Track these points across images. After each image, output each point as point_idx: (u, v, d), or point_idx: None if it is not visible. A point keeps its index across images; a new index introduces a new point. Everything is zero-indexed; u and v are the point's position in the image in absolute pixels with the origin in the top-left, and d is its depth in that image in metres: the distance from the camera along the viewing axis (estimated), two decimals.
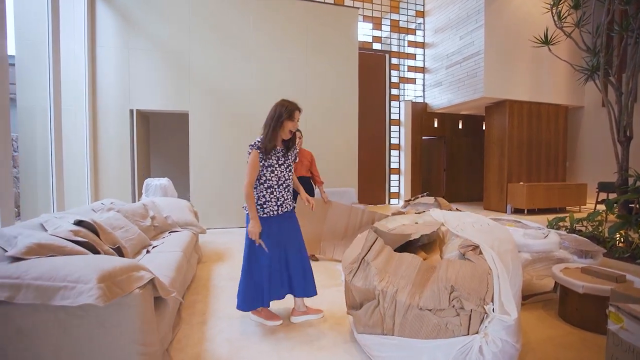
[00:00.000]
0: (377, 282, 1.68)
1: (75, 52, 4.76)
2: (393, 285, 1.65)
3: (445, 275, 1.57)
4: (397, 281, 1.66)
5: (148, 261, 2.38)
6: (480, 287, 1.53)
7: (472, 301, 1.49)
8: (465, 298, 1.49)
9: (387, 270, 1.72)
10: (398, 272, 1.70)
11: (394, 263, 1.75)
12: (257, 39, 5.61)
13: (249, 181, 2.10)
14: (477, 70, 7.28)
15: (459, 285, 1.52)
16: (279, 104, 2.21)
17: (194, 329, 2.21)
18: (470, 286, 1.52)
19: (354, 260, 1.83)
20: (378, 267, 1.73)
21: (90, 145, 4.88)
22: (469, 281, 1.54)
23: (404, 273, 1.68)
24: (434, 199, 5.57)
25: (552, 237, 2.59)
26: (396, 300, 1.60)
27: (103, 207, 2.95)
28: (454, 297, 1.50)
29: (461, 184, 9.67)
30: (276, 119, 2.15)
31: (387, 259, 1.77)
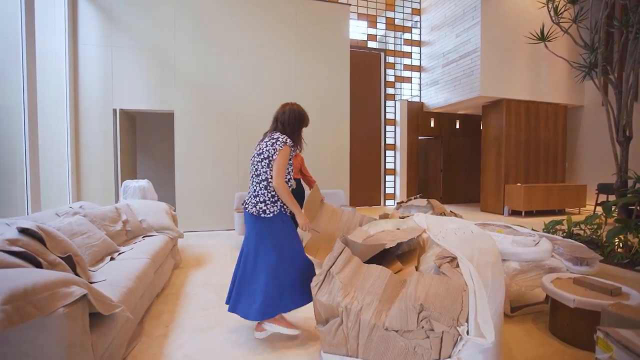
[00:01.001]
0: (341, 297, 1.51)
1: (57, 50, 4.62)
2: (358, 302, 1.48)
3: (415, 292, 1.41)
4: (363, 297, 1.50)
5: (107, 269, 2.23)
6: (453, 306, 1.36)
7: (444, 322, 1.33)
8: (435, 318, 1.32)
9: (354, 285, 1.56)
10: (364, 287, 1.53)
11: (360, 276, 1.59)
12: (244, 36, 5.46)
13: (283, 176, 1.99)
14: (474, 68, 7.10)
15: (429, 304, 1.35)
16: (300, 111, 2.29)
17: (154, 342, 2.05)
18: (442, 305, 1.35)
19: (320, 273, 1.67)
20: (343, 281, 1.56)
21: (72, 146, 4.73)
22: (441, 299, 1.37)
23: (371, 288, 1.51)
24: (427, 201, 5.41)
25: (543, 244, 2.41)
26: (360, 319, 1.44)
27: (71, 210, 2.80)
28: (423, 317, 1.34)
29: (459, 185, 9.49)
30: (299, 124, 2.25)
31: (354, 271, 1.60)
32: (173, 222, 3.56)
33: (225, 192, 5.35)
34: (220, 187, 5.37)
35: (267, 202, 2.01)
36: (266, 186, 2.03)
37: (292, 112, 2.26)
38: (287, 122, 2.22)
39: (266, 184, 2.03)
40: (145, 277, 2.33)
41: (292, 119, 2.23)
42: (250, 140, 5.50)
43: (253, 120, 5.51)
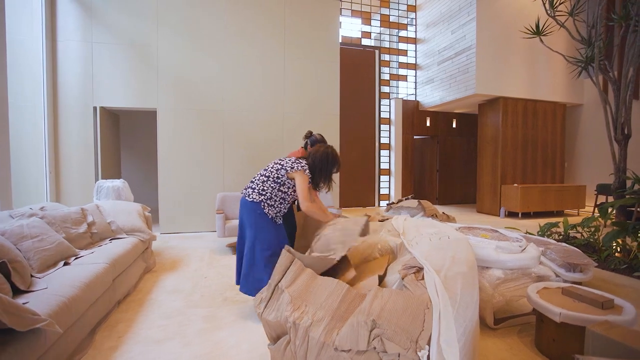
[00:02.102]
0: (289, 312, 1.33)
1: (34, 46, 4.47)
2: (308, 317, 1.30)
3: (369, 307, 1.23)
4: (314, 312, 1.32)
5: (56, 276, 2.06)
6: (412, 325, 1.18)
7: (399, 342, 1.15)
8: (389, 337, 1.14)
9: (305, 299, 1.38)
10: (317, 301, 1.35)
11: (313, 290, 1.41)
12: (230, 32, 5.29)
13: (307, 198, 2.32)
14: (469, 65, 6.90)
15: (383, 321, 1.17)
16: (336, 157, 2.44)
17: (99, 356, 1.88)
18: (399, 323, 1.17)
19: (265, 288, 1.49)
20: (293, 295, 1.38)
21: (50, 144, 4.58)
22: (398, 316, 1.19)
23: (324, 303, 1.34)
24: (418, 202, 5.22)
25: (530, 251, 2.23)
26: (309, 336, 1.26)
27: (28, 211, 2.64)
28: (375, 335, 1.16)
29: (455, 186, 9.29)
30: (330, 169, 2.41)
31: (306, 284, 1.43)
32: (145, 224, 3.39)
33: (209, 193, 5.19)
34: (204, 188, 5.20)
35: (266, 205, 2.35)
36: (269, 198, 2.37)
37: (322, 154, 2.41)
38: (319, 166, 2.39)
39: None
40: (99, 284, 2.16)
41: (321, 161, 2.39)
42: (235, 140, 5.34)
43: (239, 119, 5.35)
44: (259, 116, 5.47)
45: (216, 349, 1.93)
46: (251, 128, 5.42)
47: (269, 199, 2.32)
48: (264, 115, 5.48)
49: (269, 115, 5.52)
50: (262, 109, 5.49)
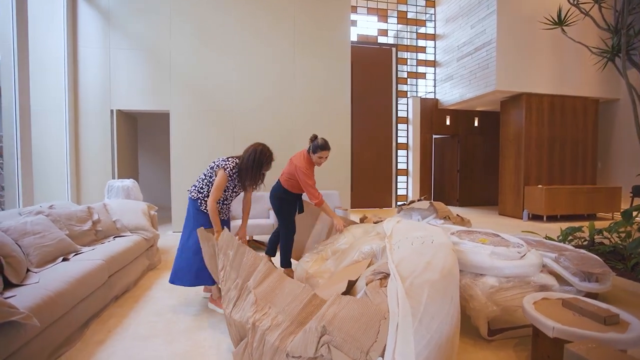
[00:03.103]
0: (251, 313, 1.30)
1: (58, 53, 4.74)
2: (268, 320, 1.26)
3: (324, 313, 1.17)
4: (276, 315, 1.28)
5: (52, 271, 2.16)
6: (364, 335, 1.11)
7: (348, 352, 1.08)
8: (337, 345, 1.08)
9: (270, 300, 1.34)
10: (281, 304, 1.31)
11: (279, 292, 1.37)
12: (241, 33, 5.36)
13: (214, 197, 2.35)
14: (489, 61, 6.58)
15: (333, 328, 1.11)
16: (263, 152, 2.41)
17: (85, 350, 1.94)
18: (350, 331, 1.10)
19: (234, 287, 1.47)
20: (259, 295, 1.35)
21: (71, 146, 4.84)
22: (350, 324, 1.12)
23: (287, 307, 1.30)
24: (429, 203, 5.04)
25: (530, 258, 2.06)
26: (265, 340, 1.22)
27: (36, 209, 2.79)
28: (324, 342, 1.10)
29: (477, 187, 8.90)
30: (258, 166, 2.39)
31: (274, 286, 1.39)
32: (150, 223, 3.49)
33: None
34: None
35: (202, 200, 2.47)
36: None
37: (251, 153, 2.41)
38: (247, 165, 2.39)
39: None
40: (91, 280, 2.24)
41: (248, 160, 2.39)
42: (246, 139, 5.38)
43: (249, 120, 5.40)
44: (269, 116, 5.50)
45: (196, 348, 1.94)
46: (261, 128, 5.45)
47: (206, 197, 2.43)
48: (274, 115, 5.51)
49: (279, 115, 5.54)
50: (272, 109, 5.52)
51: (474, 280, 2.02)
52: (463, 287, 2.05)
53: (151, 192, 7.60)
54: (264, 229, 4.28)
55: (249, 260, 1.46)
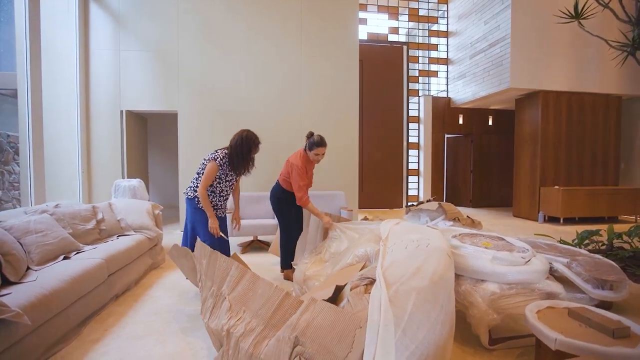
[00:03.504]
0: (225, 320, 1.27)
1: (70, 56, 4.87)
2: (242, 326, 1.23)
3: (297, 321, 1.12)
4: (250, 320, 1.24)
5: (52, 269, 2.19)
6: (339, 344, 1.05)
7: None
8: (309, 357, 1.03)
9: (244, 304, 1.31)
10: (254, 308, 1.27)
11: (253, 295, 1.33)
12: (247, 33, 5.36)
13: (203, 185, 2.44)
14: (503, 57, 6.37)
15: (307, 338, 1.06)
16: (249, 137, 2.53)
17: (80, 347, 1.95)
18: (323, 342, 1.05)
19: (210, 296, 1.44)
20: (233, 301, 1.31)
21: (82, 146, 4.96)
22: (324, 334, 1.07)
23: (260, 310, 1.26)
24: (438, 204, 4.92)
25: (535, 263, 1.94)
26: (239, 347, 1.18)
27: (41, 208, 2.85)
28: (297, 353, 1.05)
29: (491, 188, 8.64)
30: (247, 151, 2.51)
31: (248, 289, 1.35)
32: (153, 222, 3.53)
33: None
34: None
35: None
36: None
37: (237, 139, 2.53)
38: (235, 151, 2.52)
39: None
40: (89, 279, 2.26)
41: (236, 147, 2.51)
42: None
43: (256, 119, 5.40)
44: (276, 116, 5.48)
45: (187, 349, 1.92)
46: (268, 128, 5.43)
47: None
48: (281, 115, 5.49)
49: (287, 114, 5.52)
50: (279, 109, 5.50)
51: (474, 286, 1.93)
52: (462, 294, 1.96)
53: (161, 191, 7.74)
54: (267, 229, 4.26)
55: (221, 265, 1.43)
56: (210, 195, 2.55)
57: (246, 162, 2.54)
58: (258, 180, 5.31)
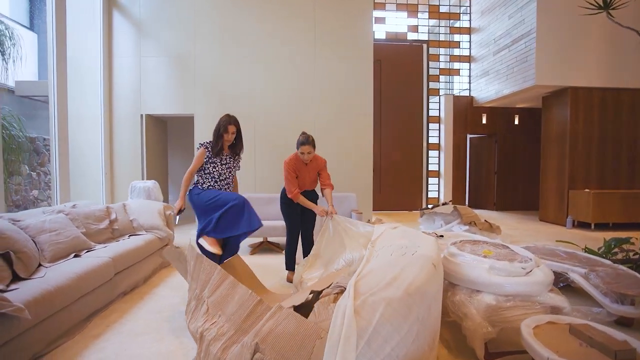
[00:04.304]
0: (201, 323, 1.28)
1: (94, 63, 5.16)
2: (214, 329, 1.24)
3: (260, 327, 1.11)
4: (223, 324, 1.25)
5: (60, 266, 2.32)
6: (297, 354, 1.04)
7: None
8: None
9: (221, 308, 1.32)
10: (229, 312, 1.28)
11: (230, 299, 1.33)
12: (262, 37, 5.44)
13: (190, 169, 2.68)
14: (528, 53, 6.04)
15: (266, 345, 1.05)
16: (220, 120, 2.72)
17: (81, 342, 2.05)
18: (282, 351, 1.04)
19: (193, 298, 1.46)
20: (210, 304, 1.33)
21: (106, 149, 5.23)
22: (284, 343, 1.05)
23: (234, 315, 1.26)
24: (453, 207, 4.77)
25: (537, 275, 1.81)
26: (209, 350, 1.19)
27: (59, 208, 3.03)
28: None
29: (516, 190, 8.23)
30: (217, 132, 2.69)
31: (226, 293, 1.36)
32: (164, 223, 3.65)
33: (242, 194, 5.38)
34: None
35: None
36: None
37: (217, 124, 2.72)
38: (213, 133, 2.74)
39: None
40: (94, 276, 2.37)
41: (215, 129, 2.71)
42: (266, 141, 5.46)
43: (270, 121, 5.47)
44: (289, 118, 5.51)
45: (180, 349, 1.97)
46: (282, 129, 5.49)
47: (197, 182, 2.71)
48: (294, 117, 5.51)
49: (300, 116, 5.54)
50: (293, 111, 5.54)
51: (469, 297, 1.83)
52: (457, 304, 1.87)
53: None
54: (277, 230, 4.29)
55: (205, 269, 1.45)
56: (210, 181, 2.67)
57: (219, 140, 2.67)
58: (268, 182, 5.37)
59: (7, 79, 5.10)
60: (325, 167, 3.19)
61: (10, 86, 5.57)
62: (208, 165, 2.68)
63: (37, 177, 5.96)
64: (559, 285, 2.74)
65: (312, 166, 3.11)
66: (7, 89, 5.58)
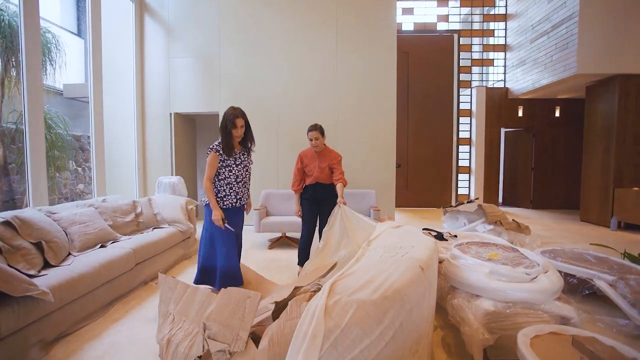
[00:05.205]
0: (167, 330, 1.37)
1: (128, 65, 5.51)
2: (181, 332, 1.32)
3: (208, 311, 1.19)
4: (188, 327, 1.32)
5: (88, 256, 2.54)
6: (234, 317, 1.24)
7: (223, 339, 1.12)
8: (213, 335, 1.12)
9: (185, 313, 1.40)
10: (192, 315, 1.35)
11: (192, 305, 1.41)
12: (283, 33, 5.49)
13: (207, 176, 2.48)
14: (569, 39, 5.56)
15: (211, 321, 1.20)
16: (225, 114, 2.53)
17: (102, 325, 2.24)
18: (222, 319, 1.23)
19: (161, 316, 1.56)
20: (175, 313, 1.42)
21: (139, 146, 5.60)
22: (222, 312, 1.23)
23: (196, 315, 1.33)
24: (478, 205, 4.55)
25: (543, 282, 1.70)
26: (177, 351, 1.27)
27: (95, 202, 3.30)
28: (206, 336, 1.13)
29: (556, 187, 7.65)
30: (225, 129, 2.49)
31: (187, 300, 1.45)
32: (186, 217, 3.85)
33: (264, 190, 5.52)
34: (260, 185, 5.54)
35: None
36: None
37: (222, 119, 2.52)
38: (220, 129, 2.53)
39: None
40: (116, 266, 2.57)
41: (220, 126, 2.53)
42: (289, 138, 5.54)
43: (292, 118, 5.53)
44: (312, 113, 5.53)
45: None
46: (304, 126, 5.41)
47: (214, 187, 2.53)
48: (316, 114, 5.53)
49: (322, 113, 5.54)
50: (314, 105, 5.55)
51: (467, 301, 1.76)
52: (455, 308, 1.81)
53: None
54: (295, 226, 4.35)
55: (171, 287, 1.54)
56: (225, 188, 2.51)
57: (228, 136, 2.47)
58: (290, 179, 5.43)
59: (55, 83, 5.60)
60: (340, 163, 3.19)
61: (59, 89, 6.13)
62: (223, 170, 2.50)
63: (82, 172, 6.52)
64: (583, 292, 2.55)
65: (324, 158, 3.14)
66: (56, 91, 6.15)
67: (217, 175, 2.50)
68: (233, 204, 2.55)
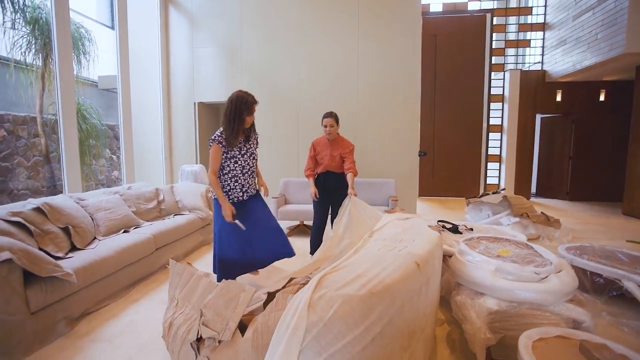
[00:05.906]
0: (170, 314, 1.44)
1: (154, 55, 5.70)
2: (182, 317, 1.38)
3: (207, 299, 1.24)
4: (189, 312, 1.38)
5: (111, 240, 2.71)
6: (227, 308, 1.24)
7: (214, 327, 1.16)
8: (206, 322, 1.17)
9: (188, 299, 1.46)
10: (193, 301, 1.41)
11: (196, 291, 1.47)
12: (303, 21, 5.40)
13: (212, 170, 2.31)
14: (618, 15, 5.03)
15: (207, 309, 1.21)
16: (238, 99, 2.31)
17: (122, 305, 2.42)
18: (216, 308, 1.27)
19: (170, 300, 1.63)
20: (180, 299, 1.49)
21: (165, 135, 5.83)
22: (218, 302, 1.24)
23: (197, 301, 1.38)
24: (503, 197, 4.35)
25: (554, 282, 1.59)
26: (177, 334, 1.34)
27: (119, 189, 3.51)
28: (201, 322, 1.18)
29: (596, 178, 7.11)
30: (238, 115, 2.27)
31: (191, 287, 1.50)
32: (205, 204, 3.98)
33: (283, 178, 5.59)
34: (280, 173, 5.60)
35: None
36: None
37: (229, 104, 2.30)
38: (227, 118, 2.31)
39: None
40: (136, 250, 2.73)
41: (228, 112, 2.29)
42: (310, 127, 5.52)
43: (313, 106, 5.49)
44: (333, 102, 5.46)
45: None
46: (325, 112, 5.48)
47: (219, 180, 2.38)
48: (336, 102, 5.45)
49: (342, 102, 5.46)
50: (335, 96, 5.48)
51: (471, 299, 1.70)
52: (459, 305, 1.75)
53: None
54: (311, 214, 4.38)
55: (180, 273, 1.60)
56: (230, 182, 2.37)
57: (241, 124, 2.26)
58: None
59: (89, 75, 5.92)
60: (352, 152, 3.16)
61: (94, 80, 6.48)
62: (228, 162, 2.33)
63: (117, 159, 6.92)
64: (610, 293, 2.37)
65: (336, 147, 3.13)
66: (92, 83, 6.51)
67: (222, 169, 2.34)
68: (239, 198, 2.40)
